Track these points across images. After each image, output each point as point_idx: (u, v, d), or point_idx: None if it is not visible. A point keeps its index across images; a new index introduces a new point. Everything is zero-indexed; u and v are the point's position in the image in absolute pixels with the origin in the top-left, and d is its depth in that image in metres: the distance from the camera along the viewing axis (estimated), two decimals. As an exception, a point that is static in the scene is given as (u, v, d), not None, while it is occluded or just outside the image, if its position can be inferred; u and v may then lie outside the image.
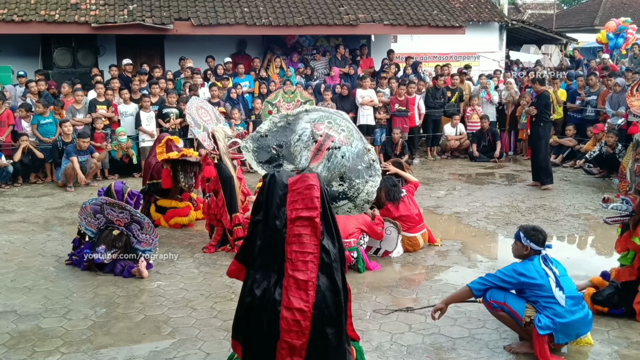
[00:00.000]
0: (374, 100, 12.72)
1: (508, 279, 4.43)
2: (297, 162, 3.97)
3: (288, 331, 3.33)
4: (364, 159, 4.08)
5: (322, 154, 3.91)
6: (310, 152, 3.93)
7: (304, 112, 4.05)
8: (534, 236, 4.46)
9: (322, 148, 3.93)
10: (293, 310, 3.31)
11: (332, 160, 3.94)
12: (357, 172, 4.02)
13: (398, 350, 4.50)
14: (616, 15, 25.16)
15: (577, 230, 7.76)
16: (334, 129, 4.03)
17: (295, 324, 3.32)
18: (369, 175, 4.05)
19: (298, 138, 3.97)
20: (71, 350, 4.57)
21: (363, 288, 5.83)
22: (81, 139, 10.39)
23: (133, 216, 6.33)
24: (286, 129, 4.00)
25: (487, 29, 19.14)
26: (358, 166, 4.03)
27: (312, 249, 3.36)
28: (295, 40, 15.98)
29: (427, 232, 7.06)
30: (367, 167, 4.06)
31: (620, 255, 5.18)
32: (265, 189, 3.49)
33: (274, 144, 3.98)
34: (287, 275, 3.34)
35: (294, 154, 3.97)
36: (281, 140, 3.98)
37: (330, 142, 3.97)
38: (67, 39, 13.65)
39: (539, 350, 4.31)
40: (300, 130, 3.98)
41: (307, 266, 3.34)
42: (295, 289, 3.33)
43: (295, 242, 3.36)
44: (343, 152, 3.97)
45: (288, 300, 3.32)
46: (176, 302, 5.49)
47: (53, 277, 6.14)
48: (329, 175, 3.93)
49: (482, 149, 12.96)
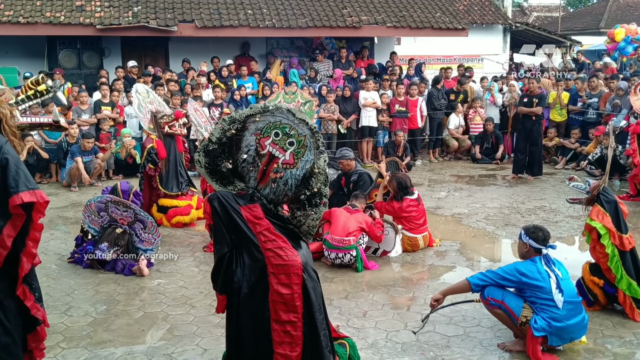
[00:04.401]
0: (376, 102, 12.78)
1: (509, 277, 4.45)
2: (246, 181, 3.63)
3: (281, 343, 3.44)
4: (309, 183, 3.54)
5: (267, 178, 3.57)
6: (257, 174, 3.59)
7: (252, 116, 3.54)
8: (533, 233, 4.49)
9: (266, 172, 3.56)
10: (283, 322, 3.43)
11: (276, 188, 3.56)
12: (299, 203, 3.57)
13: (393, 348, 4.55)
14: (622, 18, 25.12)
15: (576, 232, 7.77)
16: (281, 143, 3.52)
17: (286, 335, 3.43)
18: (311, 206, 3.56)
19: (243, 159, 3.59)
20: (71, 345, 4.65)
21: (361, 287, 5.88)
22: (85, 139, 10.50)
23: (137, 215, 6.41)
24: (232, 142, 3.57)
25: (491, 31, 19.15)
26: (300, 195, 3.55)
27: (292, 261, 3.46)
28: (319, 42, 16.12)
29: (428, 234, 7.12)
30: (312, 195, 3.54)
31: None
32: (221, 215, 3.47)
33: (224, 160, 3.61)
34: (272, 289, 3.43)
35: (242, 174, 3.62)
36: (230, 157, 3.60)
37: (274, 165, 3.54)
38: (73, 40, 13.81)
39: (531, 350, 4.35)
40: (246, 149, 3.57)
41: (290, 279, 3.44)
42: (281, 303, 3.43)
43: (272, 255, 3.44)
44: (286, 180, 3.55)
45: (276, 314, 3.43)
46: (175, 299, 5.56)
47: (55, 275, 6.23)
48: (274, 199, 3.58)
49: (485, 151, 13.01)
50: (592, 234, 5.12)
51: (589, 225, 5.12)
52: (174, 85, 12.23)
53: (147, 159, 7.95)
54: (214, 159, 3.60)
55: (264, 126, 3.53)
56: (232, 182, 3.65)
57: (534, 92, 11.08)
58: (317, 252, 6.56)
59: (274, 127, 3.52)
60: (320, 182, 3.54)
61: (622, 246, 5.03)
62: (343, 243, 6.32)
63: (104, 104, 11.71)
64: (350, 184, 7.63)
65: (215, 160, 3.60)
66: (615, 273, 5.02)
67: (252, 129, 3.54)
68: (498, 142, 12.95)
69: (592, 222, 5.08)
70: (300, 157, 3.53)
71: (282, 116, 3.51)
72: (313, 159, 3.54)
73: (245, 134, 3.55)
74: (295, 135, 3.51)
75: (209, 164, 3.62)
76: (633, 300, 5.04)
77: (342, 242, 6.32)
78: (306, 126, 3.51)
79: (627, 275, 5.01)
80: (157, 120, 7.99)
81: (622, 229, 5.08)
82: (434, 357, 4.42)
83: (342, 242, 6.32)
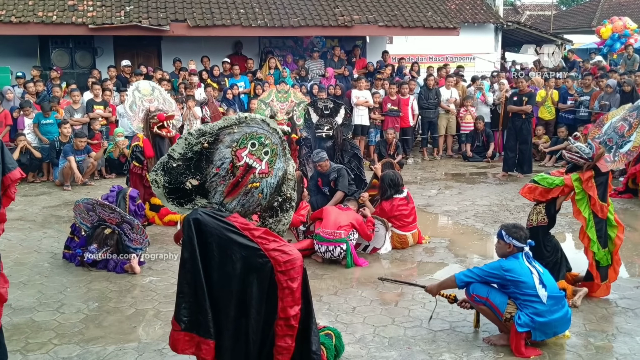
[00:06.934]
0: (368, 101, 12.86)
1: (494, 274, 4.54)
2: (210, 197, 3.53)
3: (283, 336, 3.52)
4: (281, 190, 3.63)
5: (238, 190, 3.52)
6: (227, 187, 3.52)
7: (227, 128, 3.44)
8: (515, 233, 4.57)
9: (240, 183, 3.50)
10: (289, 317, 3.50)
11: (249, 198, 3.54)
12: (272, 211, 3.62)
13: (380, 342, 4.63)
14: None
15: (564, 228, 7.87)
16: (257, 153, 3.50)
17: (289, 328, 3.52)
18: (283, 211, 3.65)
19: (215, 173, 3.47)
20: (63, 342, 4.71)
21: (350, 283, 5.96)
22: (78, 138, 10.54)
23: (123, 217, 6.49)
24: (202, 156, 3.44)
25: (482, 30, 19.28)
26: (274, 203, 3.61)
27: (296, 254, 3.55)
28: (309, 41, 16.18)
29: (417, 232, 7.21)
30: (283, 200, 3.64)
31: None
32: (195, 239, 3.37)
33: (189, 177, 3.46)
34: (282, 287, 3.48)
35: (209, 189, 3.51)
36: (196, 173, 3.45)
37: (251, 175, 3.51)
38: (65, 40, 13.84)
39: (514, 345, 4.44)
40: (219, 162, 3.46)
41: (298, 272, 3.52)
42: (290, 299, 3.50)
43: (279, 254, 3.48)
44: (262, 189, 3.55)
45: (284, 312, 3.49)
46: (167, 296, 5.62)
47: (48, 273, 6.28)
48: (242, 211, 3.57)
49: (476, 149, 13.12)
50: (566, 188, 5.37)
51: (569, 182, 5.32)
52: (166, 85, 12.26)
53: (132, 157, 8.02)
54: (176, 176, 3.45)
55: (240, 137, 3.48)
56: (192, 199, 3.53)
57: (524, 91, 11.18)
58: (308, 249, 6.65)
59: (250, 137, 3.49)
60: (290, 187, 3.61)
61: (602, 214, 5.30)
62: (334, 236, 6.41)
63: (97, 103, 11.76)
64: (330, 182, 7.75)
65: (178, 178, 3.46)
66: (591, 237, 5.31)
67: (227, 140, 3.46)
68: (489, 140, 13.06)
69: (576, 184, 5.28)
70: (273, 165, 3.57)
71: (257, 126, 3.50)
72: (284, 166, 3.60)
73: (219, 147, 3.46)
74: (269, 144, 3.54)
75: (169, 183, 3.46)
76: (596, 263, 5.36)
77: (333, 235, 6.41)
78: (277, 135, 3.56)
79: (599, 241, 5.32)
80: (147, 119, 8.04)
81: (605, 198, 5.31)
82: (421, 351, 4.50)
83: (333, 234, 6.42)
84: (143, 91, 8.27)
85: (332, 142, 8.81)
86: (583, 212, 5.30)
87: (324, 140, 8.85)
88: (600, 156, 5.29)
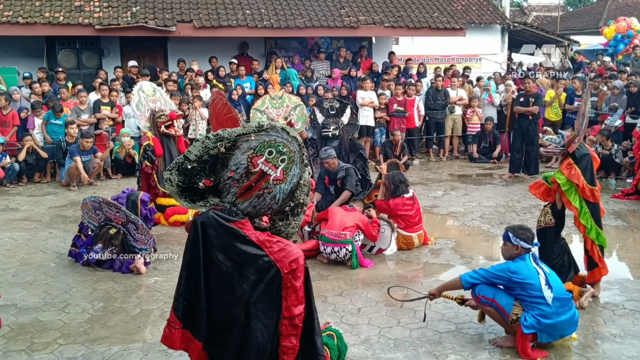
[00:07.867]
0: (374, 102, 12.84)
1: (500, 275, 4.50)
2: (223, 196, 3.57)
3: (288, 336, 3.53)
4: (294, 195, 3.64)
5: (251, 193, 3.54)
6: (240, 189, 3.54)
7: (245, 135, 3.45)
8: (522, 235, 4.52)
9: (253, 187, 3.52)
10: (293, 317, 3.51)
11: (261, 201, 3.57)
12: (282, 215, 3.65)
13: (385, 343, 4.61)
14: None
15: (570, 230, 7.82)
16: (274, 160, 3.51)
17: (294, 328, 3.52)
18: (294, 215, 3.67)
19: (229, 177, 3.50)
20: (68, 341, 4.71)
21: (355, 284, 5.95)
22: (84, 139, 10.58)
23: (128, 217, 6.50)
24: (217, 160, 3.46)
25: (488, 31, 19.22)
26: (285, 207, 3.64)
27: (299, 252, 3.55)
28: (314, 42, 16.17)
29: (423, 233, 7.18)
30: (295, 205, 3.66)
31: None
32: (200, 241, 3.46)
33: (203, 178, 3.49)
34: (287, 286, 3.49)
35: (222, 190, 3.55)
36: (210, 175, 3.49)
37: (264, 182, 3.53)
38: (72, 40, 13.88)
39: (521, 347, 4.41)
40: (234, 167, 3.48)
41: (301, 271, 3.53)
42: (294, 297, 3.50)
43: (285, 255, 3.49)
44: (274, 194, 3.57)
45: (289, 311, 3.50)
46: (172, 297, 5.53)
47: (53, 273, 6.29)
48: (253, 212, 3.60)
49: (482, 150, 13.08)
50: (554, 185, 5.39)
51: (554, 179, 5.35)
52: (172, 85, 12.29)
53: (144, 156, 8.03)
54: (190, 177, 3.50)
55: (258, 145, 3.47)
56: (204, 197, 3.58)
57: (530, 92, 11.15)
58: (314, 249, 6.63)
59: (269, 145, 3.49)
60: (304, 193, 3.62)
61: (594, 198, 5.29)
62: (339, 237, 6.39)
63: (104, 104, 11.80)
64: (337, 180, 7.73)
65: (191, 179, 3.50)
66: (585, 224, 5.30)
67: (245, 147, 3.46)
68: (495, 142, 13.03)
69: (558, 176, 5.31)
70: (289, 172, 3.57)
71: (276, 135, 3.49)
72: (299, 173, 3.60)
73: (235, 153, 3.47)
74: (287, 152, 3.53)
75: (182, 182, 3.51)
76: (600, 248, 5.36)
77: (339, 236, 6.39)
78: (296, 142, 3.55)
79: (596, 225, 5.30)
80: (154, 119, 8.06)
81: (593, 181, 5.31)
82: (426, 352, 4.48)
83: (339, 235, 6.40)
84: (146, 91, 8.30)
85: (338, 142, 8.79)
86: (573, 202, 5.29)
87: (330, 139, 8.84)
88: (571, 141, 5.33)
